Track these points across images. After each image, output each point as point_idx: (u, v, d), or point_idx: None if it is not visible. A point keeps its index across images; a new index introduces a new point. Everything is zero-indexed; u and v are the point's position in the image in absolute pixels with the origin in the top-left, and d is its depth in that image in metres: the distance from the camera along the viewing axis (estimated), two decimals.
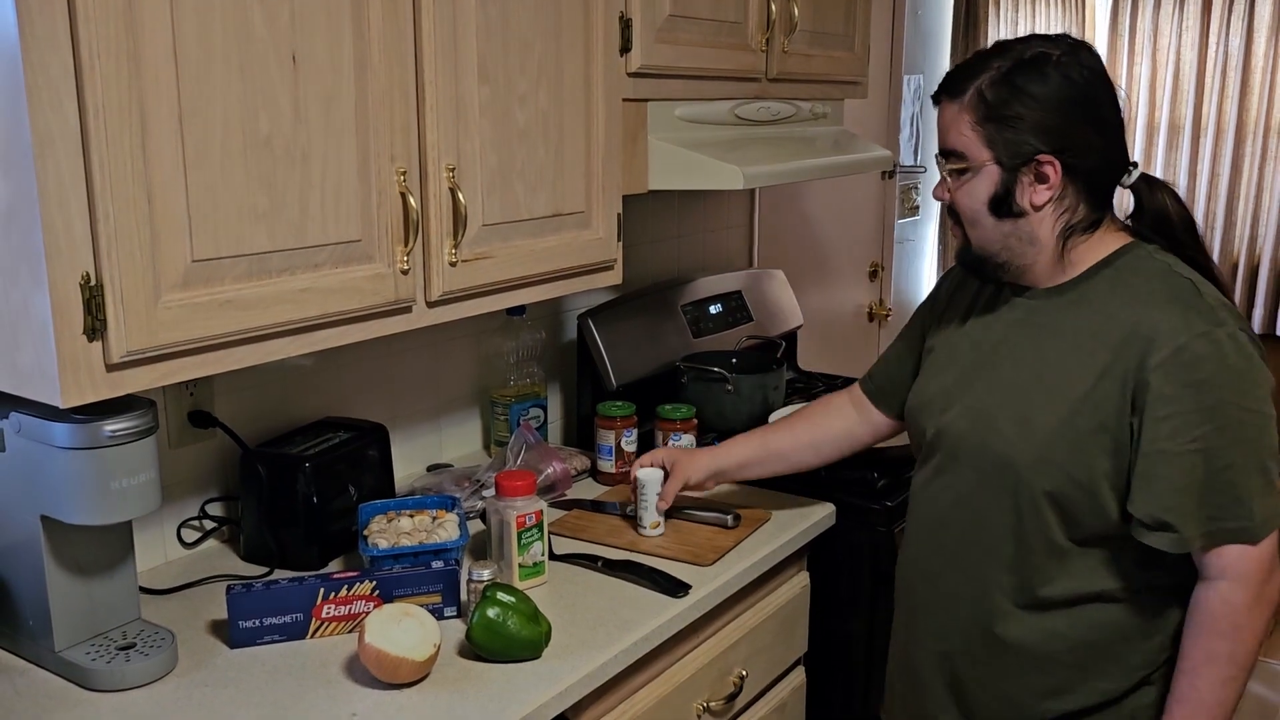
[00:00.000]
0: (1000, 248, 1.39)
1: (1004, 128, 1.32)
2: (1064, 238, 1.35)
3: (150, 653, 1.35)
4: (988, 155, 1.34)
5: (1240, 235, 4.90)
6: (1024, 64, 1.31)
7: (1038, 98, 1.30)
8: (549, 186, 1.68)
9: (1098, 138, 1.33)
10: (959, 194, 1.38)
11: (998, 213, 1.36)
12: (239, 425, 1.72)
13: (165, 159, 1.17)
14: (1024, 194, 1.34)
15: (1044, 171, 1.32)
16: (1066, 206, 1.34)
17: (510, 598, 1.39)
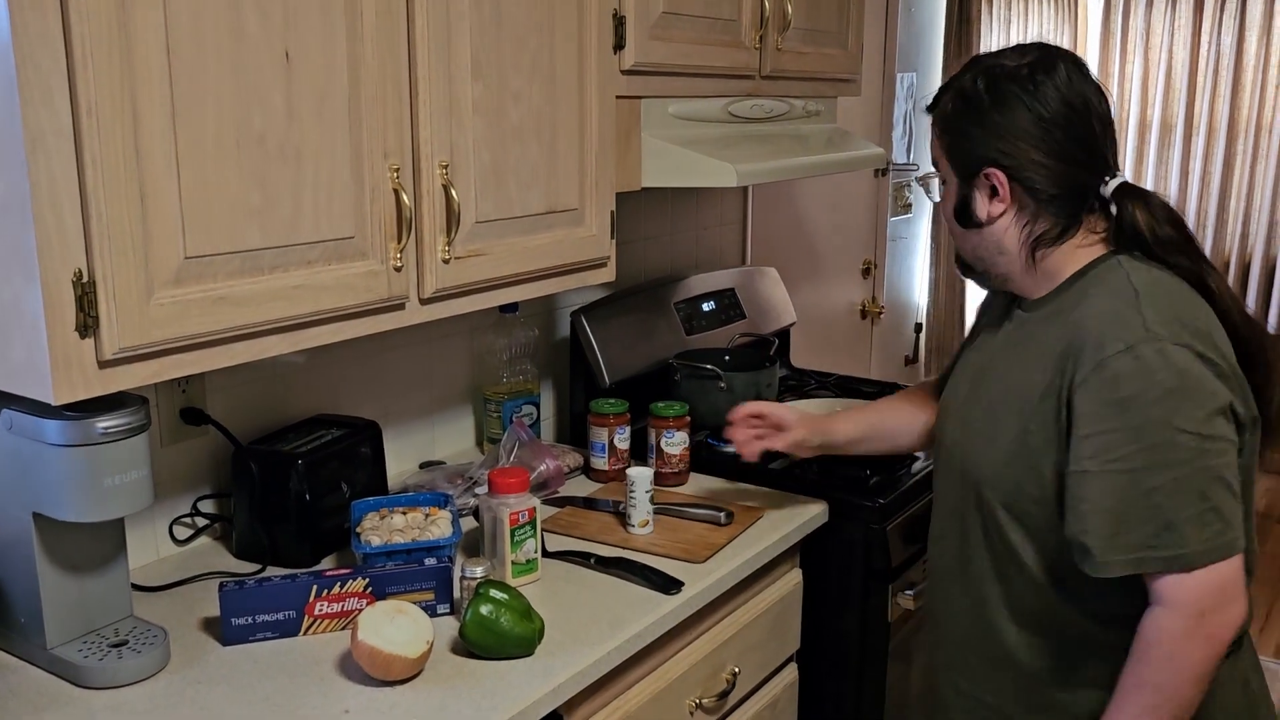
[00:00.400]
0: (974, 257, 1.43)
1: (958, 140, 1.36)
2: (1031, 248, 1.35)
3: (142, 650, 1.34)
4: (947, 166, 1.39)
5: (1232, 233, 4.92)
6: (984, 79, 1.34)
7: (988, 114, 1.32)
8: (542, 183, 1.68)
9: (1048, 156, 1.31)
10: (942, 203, 1.43)
11: (962, 223, 1.40)
12: (231, 422, 1.71)
13: (158, 156, 1.16)
14: (981, 205, 1.36)
15: (994, 184, 1.34)
16: (1028, 218, 1.35)
17: (503, 595, 1.39)
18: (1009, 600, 1.39)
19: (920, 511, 2.01)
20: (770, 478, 2.04)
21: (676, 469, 2.01)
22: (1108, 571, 1.24)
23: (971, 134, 1.34)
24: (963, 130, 1.35)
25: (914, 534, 1.98)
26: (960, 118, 1.35)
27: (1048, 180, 1.32)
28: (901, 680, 2.06)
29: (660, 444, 2.01)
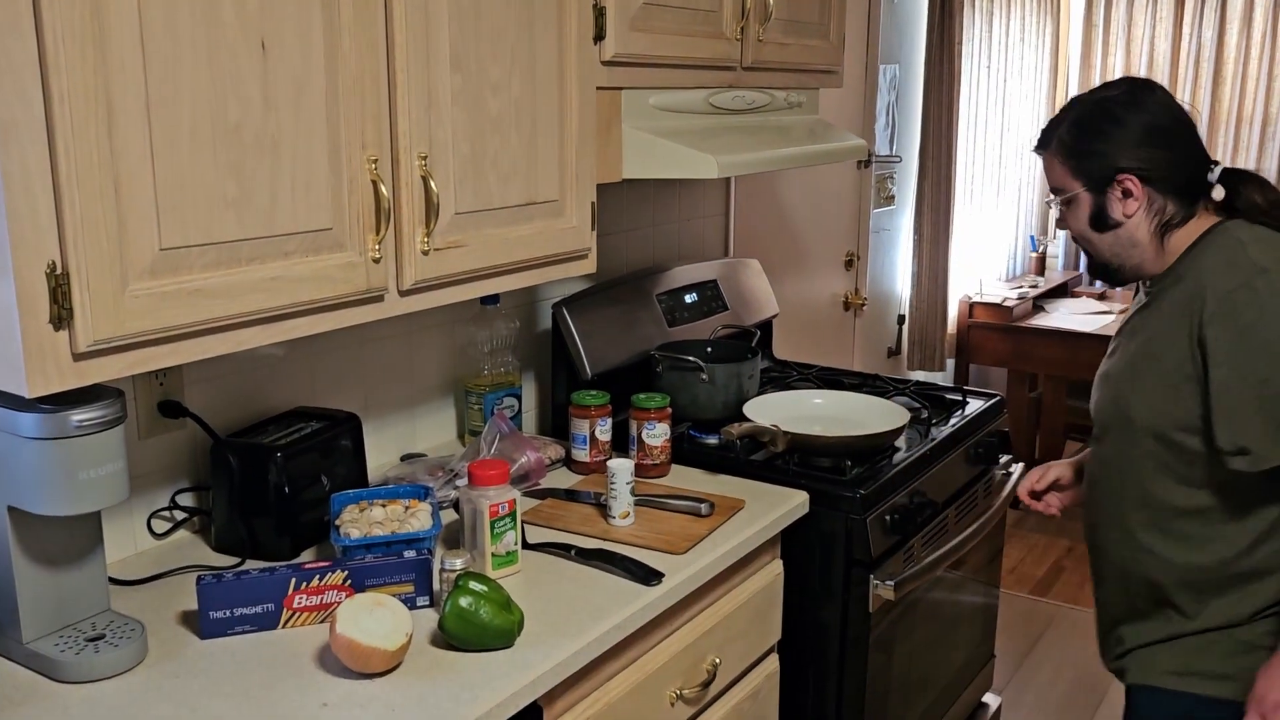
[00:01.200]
0: (1111, 255, 1.67)
1: (1085, 160, 1.62)
2: (1161, 234, 1.61)
3: (120, 644, 1.34)
4: (1079, 185, 1.64)
5: None
6: (1091, 108, 1.63)
7: (1107, 130, 1.60)
8: (522, 175, 1.67)
9: (1165, 151, 1.59)
10: (1070, 221, 1.68)
11: (1099, 228, 1.65)
12: (210, 415, 1.71)
13: (132, 147, 1.16)
14: (1115, 208, 1.62)
15: (1127, 187, 1.60)
16: (1157, 209, 1.60)
17: (482, 587, 1.39)
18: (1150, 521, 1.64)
19: (900, 502, 2.02)
20: (751, 469, 2.04)
21: (658, 461, 2.01)
22: (1268, 463, 1.49)
23: (1097, 151, 1.60)
24: (1088, 151, 1.61)
25: (894, 524, 1.98)
26: (1082, 141, 1.62)
27: (1169, 174, 1.59)
28: (883, 670, 2.07)
29: (642, 436, 2.01)
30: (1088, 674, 3.38)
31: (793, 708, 2.04)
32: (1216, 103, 4.81)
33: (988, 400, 2.48)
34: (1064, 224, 1.71)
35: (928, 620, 2.24)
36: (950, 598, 2.34)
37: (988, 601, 2.59)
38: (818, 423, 2.22)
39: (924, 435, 2.23)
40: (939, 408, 2.40)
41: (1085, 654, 3.49)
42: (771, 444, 2.03)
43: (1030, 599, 3.83)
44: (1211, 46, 4.77)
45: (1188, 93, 4.84)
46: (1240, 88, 4.74)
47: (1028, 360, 4.40)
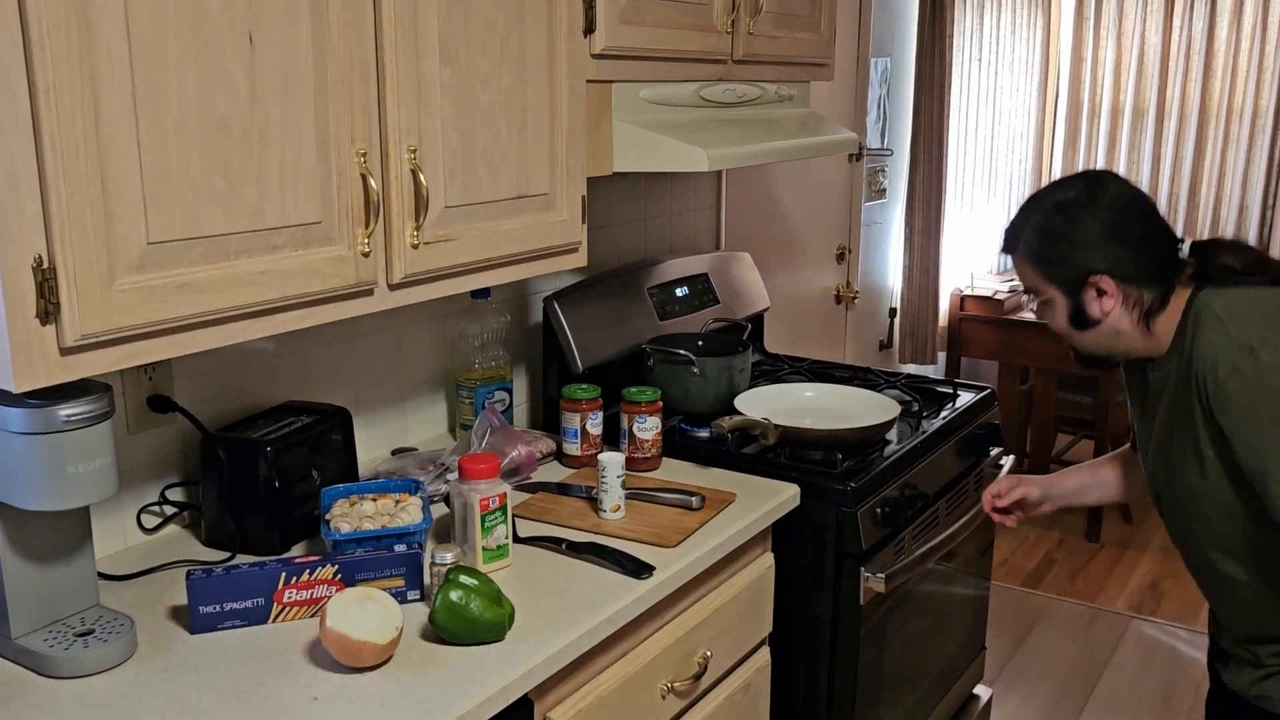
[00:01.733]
0: (1097, 349, 1.65)
1: (1055, 266, 1.59)
2: (1144, 321, 1.58)
3: (109, 639, 1.33)
4: (1052, 288, 1.61)
5: (1203, 217, 4.95)
6: (1051, 212, 1.59)
7: (1070, 235, 1.57)
8: (512, 168, 1.67)
9: (1132, 246, 1.56)
10: (1049, 319, 1.66)
11: (1079, 327, 1.62)
12: (199, 409, 1.70)
13: (119, 140, 1.15)
14: (1093, 308, 1.59)
15: (1101, 287, 1.57)
16: (1134, 301, 1.57)
17: (473, 580, 1.39)
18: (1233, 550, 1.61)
19: (891, 494, 2.02)
20: (742, 463, 2.04)
21: (649, 454, 2.01)
22: None
23: (1065, 257, 1.57)
24: (1056, 257, 1.58)
25: (885, 517, 1.99)
26: (1049, 247, 1.59)
27: (1140, 265, 1.56)
28: (874, 662, 2.07)
29: (633, 429, 2.01)
30: (1078, 666, 3.39)
31: (784, 700, 2.05)
32: (1206, 96, 4.82)
33: (978, 393, 2.48)
34: (1046, 322, 1.68)
35: (919, 612, 2.24)
36: (941, 590, 2.35)
37: (979, 594, 2.60)
38: (809, 416, 2.22)
39: (915, 428, 2.24)
40: (930, 400, 2.40)
41: (1075, 646, 3.50)
42: (763, 437, 2.03)
43: (1021, 591, 3.85)
44: (1202, 39, 4.77)
45: (1178, 86, 4.84)
46: (1230, 80, 4.75)
47: (1019, 353, 4.41)
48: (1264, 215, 4.75)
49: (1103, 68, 5.03)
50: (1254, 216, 4.76)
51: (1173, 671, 3.34)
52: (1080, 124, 5.13)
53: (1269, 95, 4.66)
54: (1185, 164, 4.90)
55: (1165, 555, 4.10)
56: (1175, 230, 1.61)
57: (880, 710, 2.14)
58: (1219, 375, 1.48)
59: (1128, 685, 3.27)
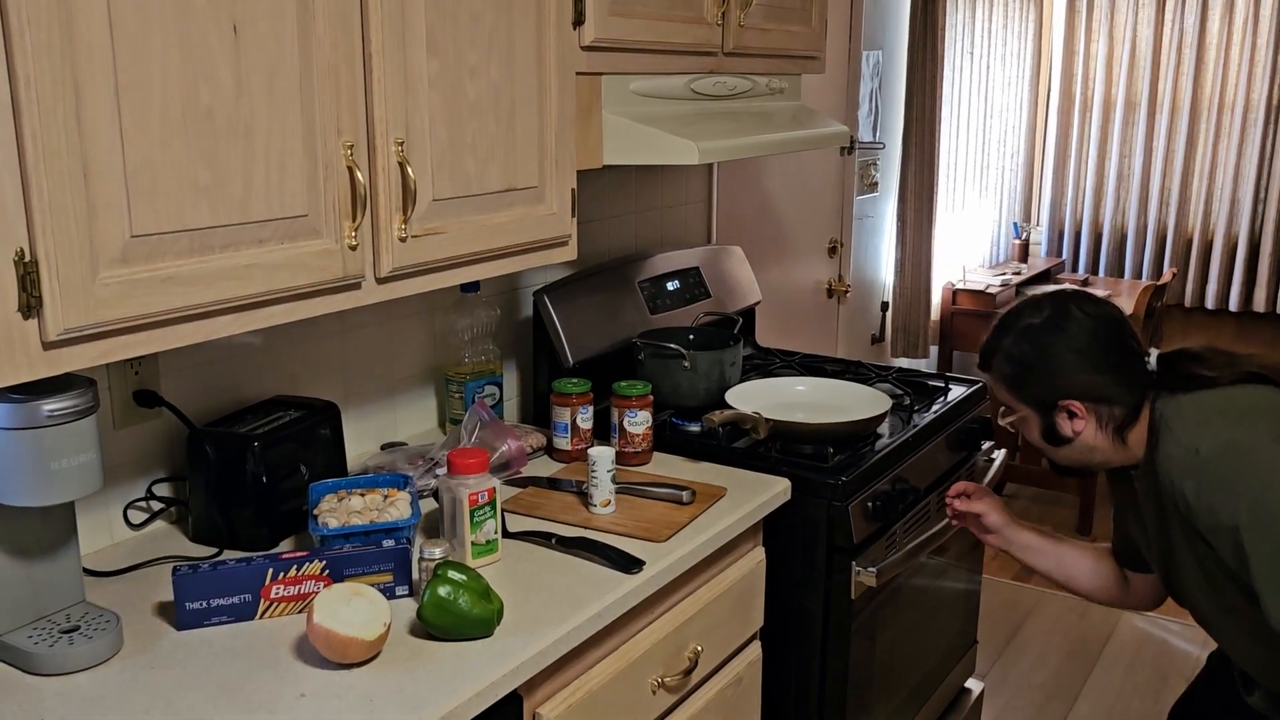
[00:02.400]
0: (1071, 463, 1.70)
1: (1026, 389, 1.64)
2: (1118, 435, 1.62)
3: (94, 635, 1.32)
4: (1025, 408, 1.66)
5: (1195, 211, 4.96)
6: (1018, 339, 1.64)
7: (1038, 363, 1.62)
8: (501, 161, 1.66)
9: (1100, 371, 1.60)
10: (1025, 434, 1.71)
11: (1053, 443, 1.67)
12: (186, 404, 1.69)
13: (101, 131, 1.14)
14: (1065, 427, 1.63)
15: (1071, 409, 1.61)
16: (1106, 418, 1.61)
17: (461, 575, 1.38)
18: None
19: (883, 488, 2.02)
20: (733, 457, 2.04)
21: (639, 449, 2.01)
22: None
23: (1035, 382, 1.63)
24: (1026, 382, 1.64)
25: (876, 511, 1.98)
26: (1019, 374, 1.64)
27: (1109, 386, 1.60)
28: (865, 656, 2.07)
29: (623, 423, 2.00)
30: (1069, 660, 3.39)
31: (775, 694, 2.04)
32: (1198, 89, 4.82)
33: (970, 387, 2.48)
34: (1021, 435, 1.73)
35: (910, 606, 2.24)
36: (933, 584, 2.35)
37: (970, 588, 2.59)
38: (800, 410, 2.22)
39: (906, 422, 2.23)
40: (921, 394, 2.40)
41: (1067, 640, 3.51)
42: (754, 431, 2.03)
43: (1013, 585, 3.85)
44: (1194, 33, 4.77)
45: (1170, 80, 4.84)
46: (1222, 74, 4.75)
47: None
48: (1255, 209, 4.76)
49: (1095, 61, 5.03)
50: (1245, 210, 4.76)
51: (1164, 664, 3.34)
52: (1072, 117, 5.13)
53: (1260, 89, 4.66)
54: (1177, 158, 4.90)
55: None
56: (1165, 220, 1.63)
57: (872, 704, 2.13)
58: (1175, 483, 1.53)
59: (1119, 678, 3.28)
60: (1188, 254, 4.96)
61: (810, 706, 2.03)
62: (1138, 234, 5.03)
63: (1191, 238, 4.94)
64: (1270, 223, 4.70)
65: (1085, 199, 5.14)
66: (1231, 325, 4.97)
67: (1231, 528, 1.45)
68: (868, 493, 1.98)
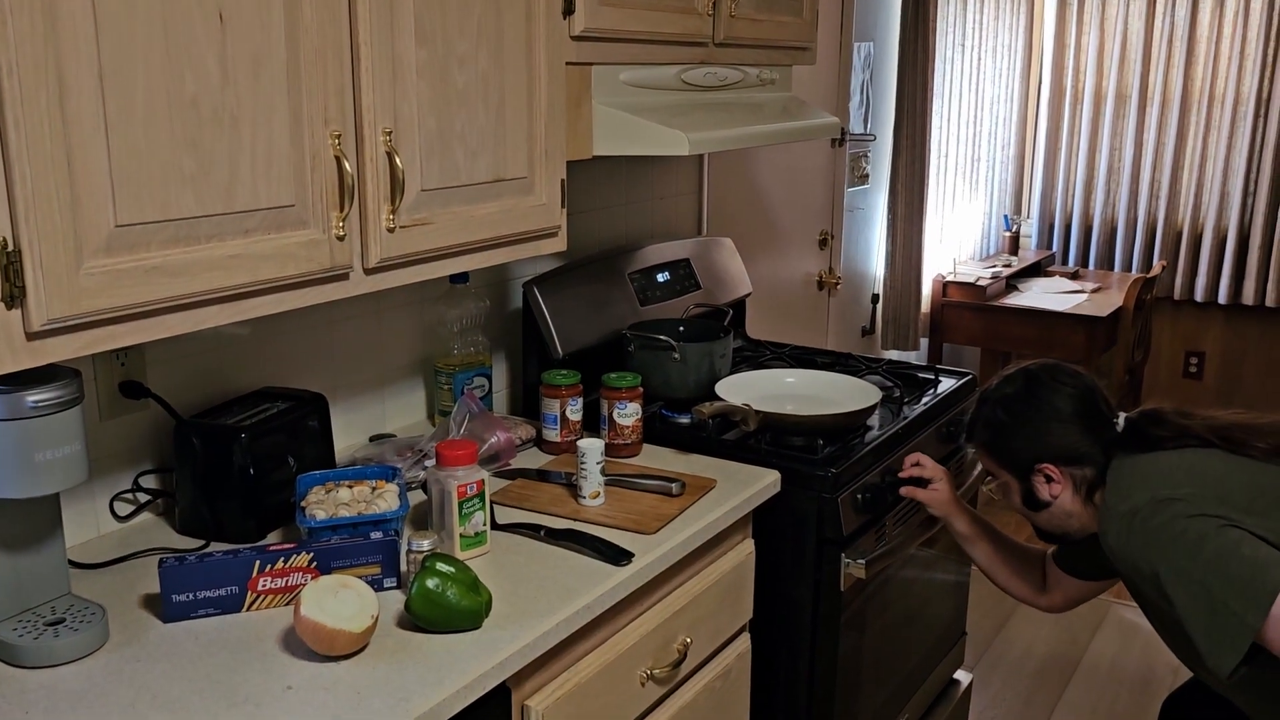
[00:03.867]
0: (1052, 529, 1.80)
1: (1005, 454, 1.77)
2: (1088, 497, 1.72)
3: (80, 628, 1.32)
4: (1005, 473, 1.78)
5: (1184, 203, 4.97)
6: (995, 408, 1.76)
7: (1014, 431, 1.74)
8: (490, 151, 1.65)
9: (1071, 436, 1.70)
10: (1009, 500, 1.82)
11: (1033, 508, 1.78)
12: (173, 396, 1.68)
13: (85, 120, 1.13)
14: (1042, 491, 1.74)
15: (1047, 473, 1.72)
16: (1081, 479, 1.71)
17: (449, 568, 1.38)
18: None
19: (873, 480, 2.01)
20: (723, 448, 2.03)
21: (629, 440, 2.00)
22: (1222, 672, 1.49)
23: (1013, 447, 1.75)
24: (1005, 447, 1.76)
25: (866, 503, 1.98)
26: (999, 440, 1.77)
27: (1081, 448, 1.70)
28: (854, 647, 2.07)
29: (613, 415, 1.99)
30: (1058, 652, 3.40)
31: (764, 686, 2.05)
32: (1189, 82, 4.83)
33: (960, 379, 2.48)
34: (1005, 502, 1.82)
35: (899, 598, 2.24)
36: (922, 576, 2.35)
37: (959, 580, 2.60)
38: (790, 402, 2.21)
39: (896, 414, 2.23)
40: (911, 386, 2.40)
41: (1055, 632, 3.52)
42: (743, 423, 2.03)
43: None
44: (1185, 26, 4.78)
45: (1160, 72, 4.85)
46: (1212, 67, 4.75)
47: (1001, 339, 4.42)
48: (1244, 201, 4.77)
49: (1086, 54, 5.03)
50: (1235, 202, 4.77)
51: (1151, 655, 3.35)
52: (1063, 110, 5.14)
53: (1250, 82, 4.66)
54: (1167, 151, 4.91)
55: None
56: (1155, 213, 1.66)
57: (861, 696, 2.14)
58: (1103, 540, 1.64)
59: (1107, 669, 3.29)
60: (1177, 246, 4.97)
61: (799, 698, 2.03)
62: (1128, 226, 5.03)
63: (1181, 230, 4.95)
64: (1260, 216, 4.72)
65: (1075, 191, 5.15)
66: (1220, 318, 4.98)
67: (1151, 576, 1.55)
68: (857, 485, 1.98)
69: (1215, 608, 1.47)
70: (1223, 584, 1.47)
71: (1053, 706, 3.10)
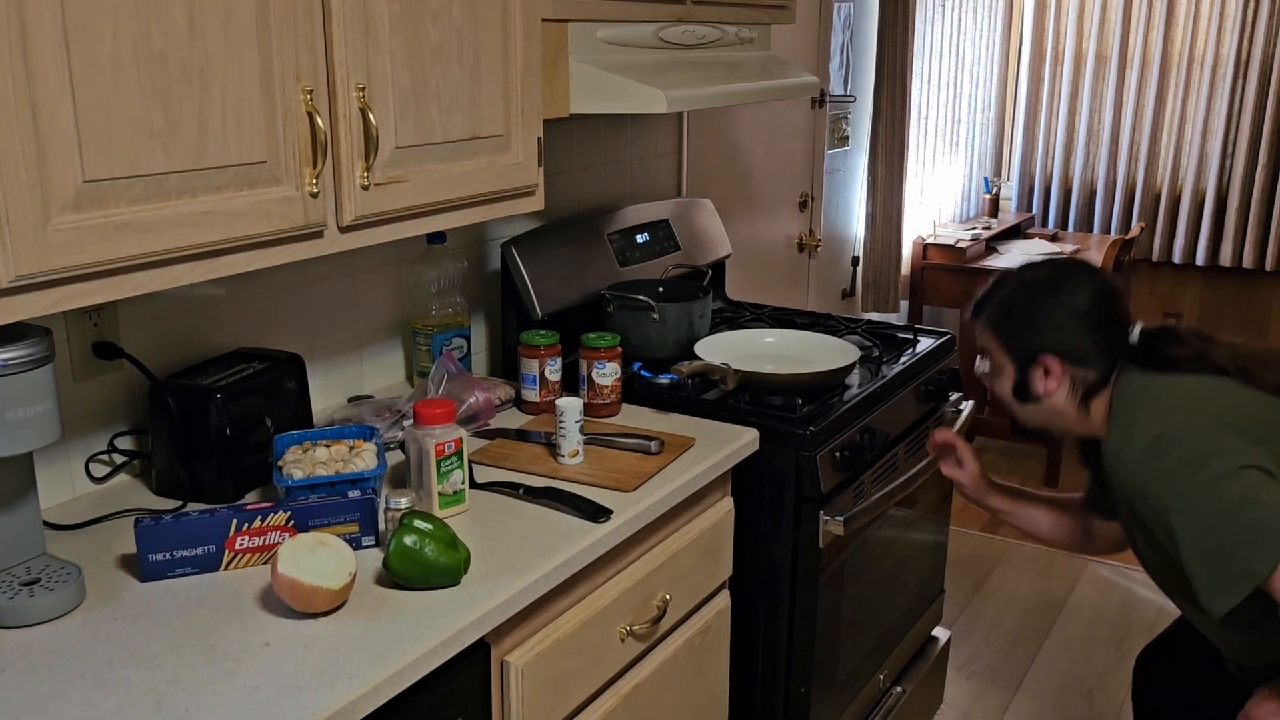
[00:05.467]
0: (1034, 423, 1.74)
1: (1011, 337, 1.69)
2: (1083, 402, 1.67)
3: (56, 588, 1.31)
4: (1004, 358, 1.71)
5: (1163, 166, 4.97)
6: (1016, 290, 1.70)
7: (1029, 315, 1.67)
8: (465, 108, 1.63)
9: (1085, 334, 1.65)
10: (994, 386, 1.75)
11: (1021, 399, 1.72)
12: (148, 357, 1.67)
13: (50, 74, 1.11)
14: (1037, 384, 1.68)
15: (1048, 366, 1.66)
16: (1078, 381, 1.66)
17: (427, 525, 1.38)
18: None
19: (851, 439, 2.02)
20: (702, 408, 2.04)
21: (608, 400, 2.00)
22: (1218, 613, 1.49)
23: (1021, 332, 1.68)
24: (1013, 330, 1.69)
25: (844, 461, 1.99)
26: (1009, 320, 1.70)
27: (1088, 349, 1.65)
28: (833, 604, 2.09)
29: (592, 375, 1.99)
30: (1035, 609, 3.44)
31: (744, 643, 2.06)
32: (1169, 44, 4.82)
33: (938, 338, 2.48)
34: (990, 389, 1.77)
35: (878, 557, 2.26)
36: (901, 535, 2.37)
37: (938, 538, 2.62)
38: (769, 361, 2.22)
39: (875, 373, 2.24)
40: (890, 346, 2.41)
41: (1033, 589, 3.56)
42: (722, 382, 2.03)
43: (981, 535, 3.89)
44: None
45: (1140, 34, 4.84)
46: (1192, 30, 4.74)
47: None
48: (1223, 163, 4.78)
49: (1066, 16, 5.01)
50: (1213, 164, 4.78)
51: (1128, 612, 3.40)
52: (1043, 72, 5.12)
53: (1229, 44, 4.66)
54: (1146, 112, 4.91)
55: None
56: (1134, 175, 1.65)
57: (839, 652, 2.16)
58: (1113, 467, 1.59)
59: (1083, 627, 3.33)
60: (1156, 208, 4.98)
61: (778, 654, 2.05)
62: (1107, 189, 5.04)
63: (1160, 192, 4.96)
64: (1237, 177, 4.73)
65: (1055, 154, 5.15)
66: (1199, 279, 5.01)
67: (1161, 510, 1.52)
68: (836, 443, 1.99)
69: (1224, 551, 1.45)
70: (1236, 529, 1.44)
71: (1029, 663, 3.15)
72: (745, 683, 2.08)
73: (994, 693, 3.01)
